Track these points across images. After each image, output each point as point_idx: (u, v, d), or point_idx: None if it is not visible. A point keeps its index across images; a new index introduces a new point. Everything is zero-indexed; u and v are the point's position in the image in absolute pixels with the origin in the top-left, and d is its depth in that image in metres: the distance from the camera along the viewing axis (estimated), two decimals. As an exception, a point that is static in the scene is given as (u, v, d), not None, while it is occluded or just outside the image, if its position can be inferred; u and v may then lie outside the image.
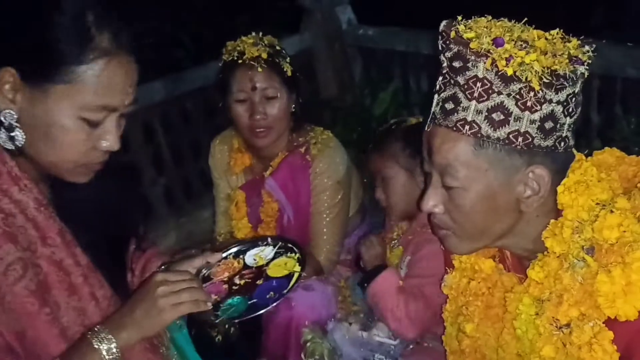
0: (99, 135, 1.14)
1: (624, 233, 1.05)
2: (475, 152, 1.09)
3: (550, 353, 1.11)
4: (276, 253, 1.46)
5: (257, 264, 1.44)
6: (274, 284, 1.37)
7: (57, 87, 1.07)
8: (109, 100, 1.11)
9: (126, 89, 1.14)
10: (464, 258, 1.33)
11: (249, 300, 1.34)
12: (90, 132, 1.12)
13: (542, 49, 1.04)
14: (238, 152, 2.33)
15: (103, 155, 1.17)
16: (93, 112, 1.10)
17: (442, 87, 1.13)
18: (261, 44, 2.13)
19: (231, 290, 1.37)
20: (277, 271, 1.41)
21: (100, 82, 1.09)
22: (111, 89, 1.11)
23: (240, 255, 1.46)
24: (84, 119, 1.10)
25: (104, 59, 1.08)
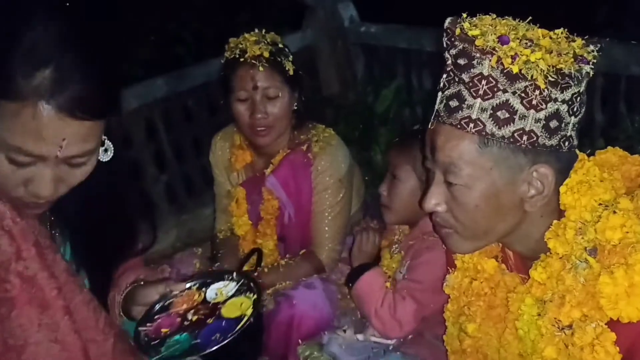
0: (31, 177, 1.05)
1: (627, 234, 1.04)
2: (480, 150, 1.09)
3: (552, 354, 1.10)
4: (237, 290, 1.42)
5: (215, 300, 1.41)
6: (222, 325, 1.33)
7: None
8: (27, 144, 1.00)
9: (54, 140, 1.01)
10: (467, 258, 1.32)
11: (193, 340, 1.30)
12: (13, 169, 1.04)
13: (547, 48, 1.04)
14: (239, 148, 2.32)
15: (34, 198, 1.09)
16: (12, 152, 1.01)
17: (446, 84, 1.12)
18: (263, 42, 2.12)
19: (182, 325, 1.34)
20: (231, 311, 1.37)
21: (19, 124, 0.99)
22: (31, 134, 0.99)
23: (204, 288, 1.44)
24: (7, 157, 1.02)
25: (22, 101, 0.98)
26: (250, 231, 2.33)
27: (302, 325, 2.09)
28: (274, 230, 2.29)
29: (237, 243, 2.34)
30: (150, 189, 3.16)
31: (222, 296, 1.41)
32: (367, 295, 1.88)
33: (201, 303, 1.40)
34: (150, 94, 3.09)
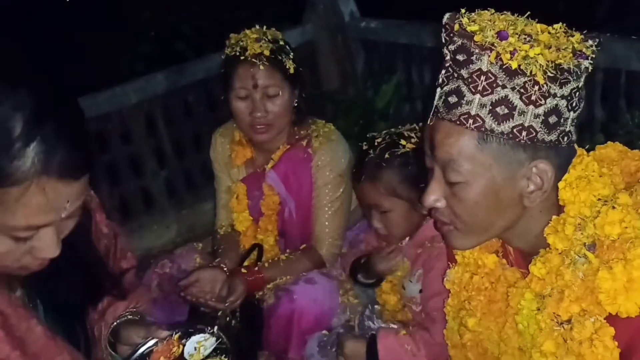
0: (35, 244, 1.03)
1: (626, 229, 1.04)
2: (479, 146, 1.08)
3: (551, 348, 1.11)
4: (215, 349, 1.40)
5: (192, 357, 1.38)
6: None
7: None
8: (34, 220, 0.99)
9: (57, 206, 1.00)
10: (467, 253, 1.32)
11: None
12: (17, 246, 1.02)
13: (546, 43, 1.04)
14: (239, 144, 2.32)
15: (41, 263, 1.07)
16: (17, 231, 0.99)
17: (445, 80, 1.11)
18: (264, 40, 2.11)
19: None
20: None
21: (21, 205, 0.96)
22: (35, 210, 0.98)
23: (184, 339, 1.40)
24: (11, 237, 1.00)
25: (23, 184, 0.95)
26: (251, 227, 2.34)
27: (303, 320, 2.10)
28: (274, 226, 2.30)
29: (238, 239, 2.34)
30: (150, 184, 3.18)
31: (199, 354, 1.39)
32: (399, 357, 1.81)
33: (178, 358, 1.38)
34: (150, 89, 3.09)
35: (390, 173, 1.82)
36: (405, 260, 1.93)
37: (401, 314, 1.99)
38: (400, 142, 1.86)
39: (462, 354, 1.39)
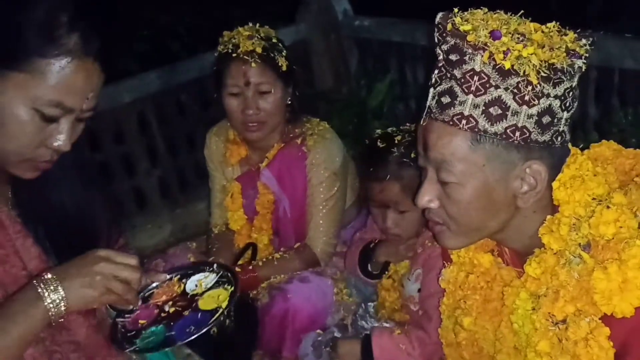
0: (51, 133, 1.14)
1: (621, 229, 1.04)
2: (472, 147, 1.08)
3: (546, 348, 1.11)
4: (216, 282, 1.42)
5: (194, 292, 1.41)
6: (198, 317, 1.33)
7: (17, 75, 1.08)
8: (65, 99, 1.11)
9: (86, 93, 1.14)
10: (462, 252, 1.32)
11: (167, 332, 1.30)
12: (41, 126, 1.12)
13: (539, 42, 1.03)
14: (234, 143, 2.31)
15: (51, 155, 1.16)
16: (48, 106, 1.10)
17: (437, 80, 1.11)
18: (257, 37, 2.10)
19: (159, 316, 1.35)
20: (208, 303, 1.37)
21: (60, 80, 1.09)
22: (70, 89, 1.11)
23: (184, 279, 1.44)
24: (38, 111, 1.10)
25: (68, 57, 1.09)
26: (245, 226, 2.33)
27: (297, 319, 2.10)
28: (269, 225, 2.30)
29: (232, 238, 2.34)
30: (143, 183, 3.16)
31: (202, 288, 1.41)
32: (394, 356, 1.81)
33: (180, 295, 1.40)
34: (143, 88, 3.07)
35: (415, 172, 1.72)
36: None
37: (398, 315, 1.98)
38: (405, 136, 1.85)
39: (457, 353, 1.38)
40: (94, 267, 1.16)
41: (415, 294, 1.87)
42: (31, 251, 1.23)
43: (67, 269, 1.17)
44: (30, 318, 1.11)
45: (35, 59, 1.08)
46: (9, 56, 1.08)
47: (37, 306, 1.11)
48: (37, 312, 1.11)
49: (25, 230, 1.23)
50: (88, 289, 1.15)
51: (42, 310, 1.11)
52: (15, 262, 1.19)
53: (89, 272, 1.15)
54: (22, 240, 1.22)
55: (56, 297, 1.12)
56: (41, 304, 1.11)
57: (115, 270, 1.18)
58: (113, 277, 1.17)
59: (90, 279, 1.15)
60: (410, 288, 1.90)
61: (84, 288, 1.15)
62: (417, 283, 1.87)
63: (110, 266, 1.17)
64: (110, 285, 1.17)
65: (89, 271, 1.16)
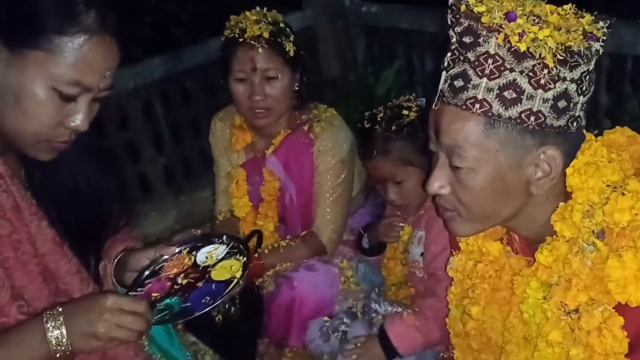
0: (69, 112, 1.14)
1: (636, 216, 1.02)
2: (486, 132, 1.05)
3: (558, 338, 1.09)
4: (227, 253, 1.41)
5: (205, 263, 1.40)
6: (212, 288, 1.32)
7: (35, 53, 1.08)
8: (84, 77, 1.11)
9: (104, 70, 1.14)
10: (471, 240, 1.30)
11: (183, 304, 1.29)
12: (60, 105, 1.12)
13: (555, 25, 1.01)
14: (239, 129, 2.29)
15: (69, 135, 1.17)
16: (67, 85, 1.10)
17: (450, 63, 1.08)
18: (264, 22, 2.08)
19: (172, 289, 1.33)
20: (221, 274, 1.36)
21: (79, 57, 1.10)
22: (88, 67, 1.11)
23: (194, 252, 1.43)
24: (57, 90, 1.10)
25: (86, 35, 1.09)
26: (250, 213, 2.32)
27: (303, 307, 2.09)
28: (275, 212, 2.28)
29: (237, 225, 2.33)
30: (148, 170, 3.15)
31: (212, 259, 1.40)
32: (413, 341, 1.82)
33: (191, 267, 1.39)
34: (147, 75, 3.06)
35: (400, 143, 1.87)
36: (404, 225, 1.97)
37: (404, 291, 2.00)
38: (402, 112, 1.92)
39: (465, 343, 1.37)
40: (100, 316, 1.15)
41: (419, 258, 1.90)
42: (46, 233, 1.23)
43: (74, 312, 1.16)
44: (33, 350, 1.12)
45: (54, 37, 1.08)
46: (27, 34, 1.08)
47: (40, 340, 1.12)
48: (40, 346, 1.12)
49: (40, 212, 1.23)
50: (91, 338, 1.15)
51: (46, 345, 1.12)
52: (26, 248, 1.19)
53: (94, 322, 1.15)
54: (38, 222, 1.22)
55: (58, 334, 1.12)
56: (44, 338, 1.12)
57: (121, 321, 1.17)
58: (117, 327, 1.16)
59: (95, 330, 1.14)
60: (414, 252, 1.92)
61: (87, 337, 1.14)
62: (420, 246, 1.90)
63: (115, 318, 1.16)
64: (115, 335, 1.16)
65: (95, 321, 1.15)
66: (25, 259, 1.19)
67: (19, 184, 1.21)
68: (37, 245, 1.21)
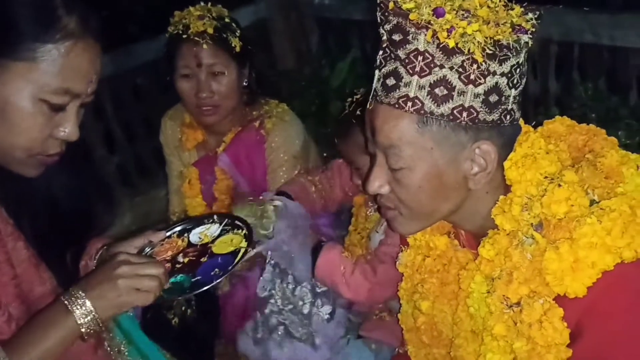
0: (58, 122, 1.09)
1: (572, 207, 1.02)
2: (419, 130, 1.05)
3: (502, 331, 1.09)
4: (222, 230, 1.42)
5: (202, 242, 1.40)
6: (218, 261, 1.33)
7: (18, 64, 1.03)
8: (72, 84, 1.07)
9: (90, 75, 1.10)
10: (419, 235, 1.30)
11: (192, 278, 1.30)
12: (49, 116, 1.07)
13: (484, 18, 1.00)
14: (189, 127, 2.26)
15: (59, 146, 1.12)
16: (54, 94, 1.06)
17: (382, 61, 1.07)
18: (208, 17, 2.04)
19: (174, 268, 1.33)
20: (223, 248, 1.37)
21: (65, 64, 1.05)
22: (76, 73, 1.07)
23: (185, 234, 1.42)
24: (45, 102, 1.06)
25: (70, 40, 1.05)
26: (204, 212, 2.28)
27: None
28: (229, 211, 2.25)
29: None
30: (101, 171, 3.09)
31: (208, 238, 1.40)
32: (331, 273, 1.83)
33: (187, 247, 1.39)
34: (96, 72, 2.99)
35: (356, 128, 1.79)
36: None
37: None
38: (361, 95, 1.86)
39: (417, 338, 1.37)
40: (114, 272, 1.15)
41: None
42: (22, 254, 1.18)
43: (90, 279, 1.16)
44: (62, 332, 1.11)
45: (36, 45, 1.03)
46: (6, 45, 1.03)
47: (67, 320, 1.11)
48: (67, 326, 1.11)
49: (16, 232, 1.18)
50: (113, 294, 1.14)
51: (73, 324, 1.11)
52: (6, 270, 1.14)
53: (111, 278, 1.14)
54: (14, 243, 1.17)
55: (85, 310, 1.12)
56: (71, 318, 1.11)
57: (138, 269, 1.16)
58: (136, 276, 1.15)
59: (114, 285, 1.14)
60: (375, 240, 1.89)
61: (109, 294, 1.14)
62: (382, 235, 1.87)
63: (131, 267, 1.16)
64: (136, 284, 1.15)
65: (110, 277, 1.14)
66: (5, 281, 1.14)
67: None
68: (14, 266, 1.17)
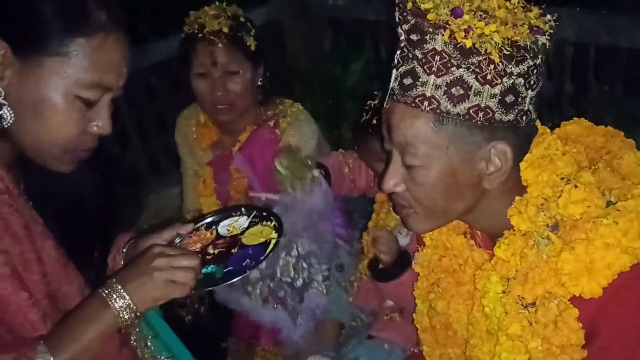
0: (91, 118, 1.09)
1: (588, 208, 1.02)
2: (435, 128, 1.05)
3: (517, 331, 1.09)
4: (251, 222, 1.42)
5: (230, 234, 1.40)
6: (249, 252, 1.33)
7: (51, 60, 1.03)
8: (104, 77, 1.07)
9: (122, 68, 1.11)
10: (435, 234, 1.31)
11: (224, 269, 1.29)
12: (83, 112, 1.07)
13: (502, 19, 1.00)
14: (205, 127, 2.28)
15: (92, 141, 1.12)
16: (88, 89, 1.06)
17: (400, 61, 1.07)
18: (223, 16, 2.05)
19: (205, 260, 1.33)
20: (253, 239, 1.37)
21: (98, 58, 1.05)
22: (107, 66, 1.07)
23: (213, 226, 1.42)
24: (78, 97, 1.06)
25: (102, 34, 1.05)
26: (219, 211, 2.30)
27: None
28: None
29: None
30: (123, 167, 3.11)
31: (237, 230, 1.40)
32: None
33: (216, 239, 1.39)
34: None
35: (373, 140, 1.80)
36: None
37: None
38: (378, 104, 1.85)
39: (432, 337, 1.38)
40: (151, 265, 1.16)
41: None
42: (51, 253, 1.19)
43: (126, 272, 1.18)
44: (101, 325, 1.13)
45: (69, 40, 1.03)
46: (39, 41, 1.03)
47: (106, 313, 1.13)
48: (106, 320, 1.13)
49: (46, 232, 1.18)
50: (149, 287, 1.15)
51: (111, 316, 1.13)
52: (36, 268, 1.15)
53: (147, 271, 1.16)
54: (43, 242, 1.17)
55: (123, 303, 1.13)
56: (110, 311, 1.13)
57: (173, 262, 1.17)
58: (172, 268, 1.16)
59: (149, 277, 1.15)
60: (402, 242, 1.87)
61: (146, 287, 1.15)
62: (407, 237, 1.86)
63: (166, 259, 1.17)
64: (172, 277, 1.16)
65: (147, 269, 1.16)
66: (36, 279, 1.15)
67: (25, 201, 1.16)
68: (44, 265, 1.18)
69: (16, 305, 1.10)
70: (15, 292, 1.09)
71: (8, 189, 1.10)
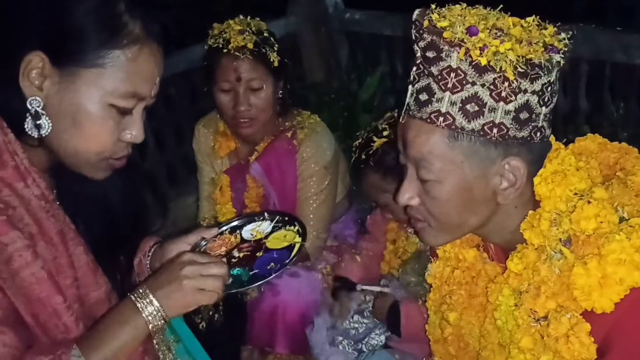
0: (125, 126, 1.12)
1: (601, 224, 1.03)
2: (450, 144, 1.07)
3: (529, 344, 1.10)
4: (274, 227, 1.43)
5: (254, 238, 1.41)
6: (274, 256, 1.34)
7: (87, 71, 1.06)
8: (139, 87, 1.10)
9: (155, 78, 1.13)
10: (448, 247, 1.32)
11: (250, 272, 1.31)
12: (118, 120, 1.10)
13: (517, 37, 1.02)
14: (223, 135, 2.30)
15: (126, 148, 1.15)
16: (123, 99, 1.09)
17: (416, 77, 1.10)
18: (248, 31, 2.07)
19: (230, 263, 1.34)
20: (277, 243, 1.38)
21: (133, 68, 1.08)
22: (142, 77, 1.10)
23: (237, 231, 1.44)
24: (114, 106, 1.09)
25: (137, 45, 1.08)
26: (235, 219, 2.32)
27: (287, 314, 2.11)
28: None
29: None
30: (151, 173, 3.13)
31: (260, 234, 1.42)
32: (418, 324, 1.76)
33: (241, 242, 1.40)
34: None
35: (369, 172, 1.87)
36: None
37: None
38: (372, 138, 1.89)
39: (444, 349, 1.38)
40: (180, 272, 1.17)
41: None
42: (81, 259, 1.21)
43: (156, 279, 1.19)
44: (132, 330, 1.15)
45: (105, 52, 1.06)
46: (77, 53, 1.06)
47: (136, 319, 1.15)
48: (137, 325, 1.15)
49: (78, 237, 1.21)
50: (179, 295, 1.16)
51: (142, 323, 1.14)
52: (69, 273, 1.17)
53: (176, 278, 1.17)
54: (74, 247, 1.19)
55: (153, 310, 1.15)
56: (140, 317, 1.14)
57: (202, 270, 1.18)
58: (201, 276, 1.18)
59: (179, 285, 1.16)
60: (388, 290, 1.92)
61: (176, 295, 1.16)
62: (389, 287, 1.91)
63: (195, 267, 1.18)
64: (201, 284, 1.17)
65: (176, 277, 1.17)
66: (68, 283, 1.16)
67: (59, 207, 1.18)
68: (75, 270, 1.19)
69: (52, 308, 1.12)
70: (51, 296, 1.11)
71: (44, 195, 1.12)
